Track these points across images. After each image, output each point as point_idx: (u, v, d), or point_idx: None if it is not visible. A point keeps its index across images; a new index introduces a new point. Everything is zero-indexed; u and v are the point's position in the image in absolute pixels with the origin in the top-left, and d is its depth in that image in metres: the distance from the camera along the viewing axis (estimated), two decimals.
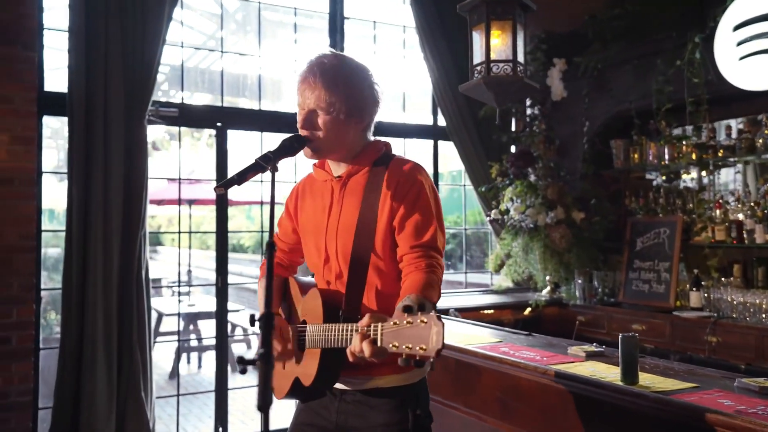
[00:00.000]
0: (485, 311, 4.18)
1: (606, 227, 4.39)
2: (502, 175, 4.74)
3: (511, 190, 4.48)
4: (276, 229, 1.88)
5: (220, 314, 4.47)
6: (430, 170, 5.40)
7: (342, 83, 1.62)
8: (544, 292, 4.53)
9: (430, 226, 1.63)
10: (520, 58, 2.58)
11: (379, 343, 1.29)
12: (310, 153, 1.69)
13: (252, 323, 1.07)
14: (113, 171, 3.85)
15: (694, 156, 3.96)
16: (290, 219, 1.89)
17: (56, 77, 4.00)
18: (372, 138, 1.79)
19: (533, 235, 4.34)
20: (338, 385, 1.70)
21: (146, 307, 3.98)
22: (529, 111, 4.93)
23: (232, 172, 4.46)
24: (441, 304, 4.12)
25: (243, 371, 0.99)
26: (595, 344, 2.45)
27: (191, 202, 7.49)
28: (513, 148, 4.99)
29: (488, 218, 4.84)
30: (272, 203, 1.42)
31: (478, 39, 2.63)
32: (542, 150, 4.67)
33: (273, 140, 4.97)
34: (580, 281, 4.33)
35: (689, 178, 4.42)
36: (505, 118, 5.07)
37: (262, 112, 4.67)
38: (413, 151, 5.55)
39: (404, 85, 5.36)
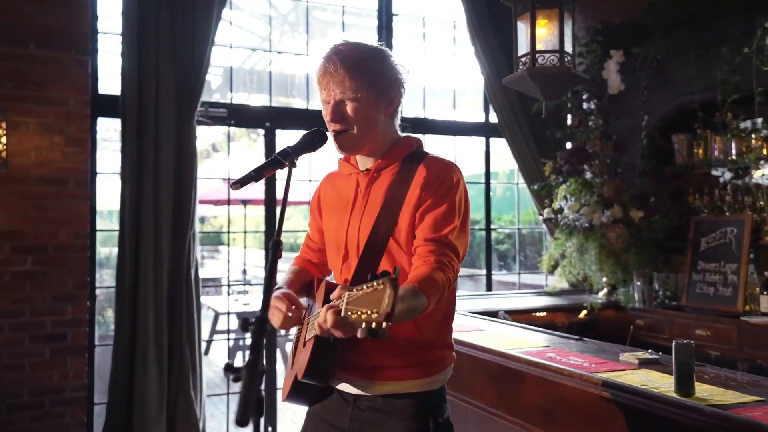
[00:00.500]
0: (537, 314, 4.03)
1: (667, 226, 4.17)
2: (555, 173, 4.56)
3: (565, 188, 4.30)
4: (300, 229, 1.83)
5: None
6: (481, 168, 5.28)
7: (365, 67, 1.56)
8: (601, 294, 4.34)
9: (451, 223, 1.54)
10: (568, 48, 2.45)
11: (342, 313, 1.19)
12: (342, 147, 1.62)
13: (245, 328, 0.99)
14: (163, 171, 3.90)
15: (765, 150, 3.71)
16: (314, 219, 1.84)
17: (111, 80, 4.10)
18: (402, 134, 1.72)
19: (588, 234, 4.15)
20: (351, 390, 1.61)
21: (196, 306, 4.03)
22: (585, 105, 4.74)
23: (279, 172, 4.49)
24: (491, 305, 4.02)
25: (235, 379, 0.93)
26: (650, 351, 2.29)
27: (245, 202, 7.59)
28: (569, 145, 4.80)
29: (541, 217, 4.68)
30: (284, 200, 1.37)
31: (523, 29, 2.51)
32: (598, 146, 4.48)
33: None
34: (638, 283, 4.12)
35: (759, 174, 4.14)
36: (560, 114, 4.90)
37: (309, 111, 4.66)
38: (464, 149, 5.43)
39: (454, 82, 5.25)
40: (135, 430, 3.81)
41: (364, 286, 1.16)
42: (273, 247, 1.19)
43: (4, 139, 3.45)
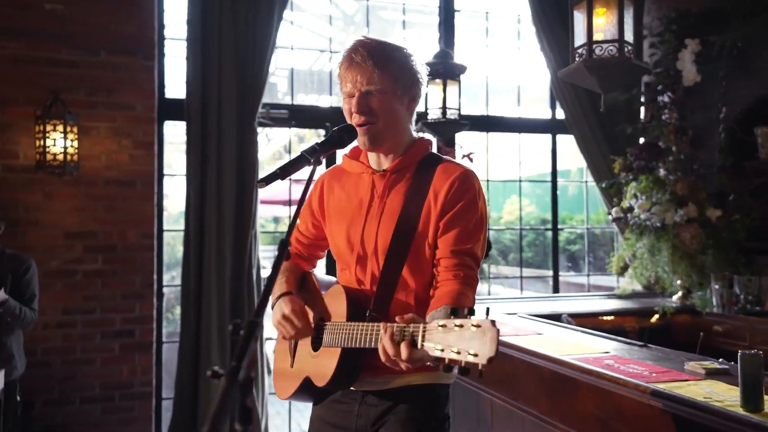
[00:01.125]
0: (604, 317, 3.85)
1: (748, 226, 3.89)
2: (626, 170, 4.35)
3: (635, 185, 4.09)
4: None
5: None
6: (548, 166, 5.11)
7: (392, 59, 1.55)
8: (674, 298, 4.10)
9: (476, 237, 1.54)
10: (628, 37, 2.30)
11: (419, 345, 1.17)
12: (367, 141, 1.58)
13: (235, 332, 0.95)
14: (226, 172, 3.98)
15: None
16: (312, 215, 1.78)
17: (178, 85, 4.22)
18: (417, 134, 1.70)
19: (660, 235, 3.93)
20: (360, 387, 1.59)
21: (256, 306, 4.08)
22: (658, 99, 4.49)
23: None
24: (555, 308, 3.87)
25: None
26: (720, 360, 2.13)
27: None
28: (642, 141, 4.57)
29: (610, 217, 4.47)
30: (303, 197, 1.34)
31: (580, 19, 2.38)
32: (672, 141, 4.23)
33: None
34: (717, 287, 3.85)
35: None
36: (631, 108, 4.68)
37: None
38: (529, 145, 5.28)
39: (519, 78, 5.11)
40: (200, 426, 3.91)
41: (451, 324, 1.14)
42: (280, 247, 1.15)
43: (76, 144, 3.60)
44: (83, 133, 3.68)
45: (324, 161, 1.52)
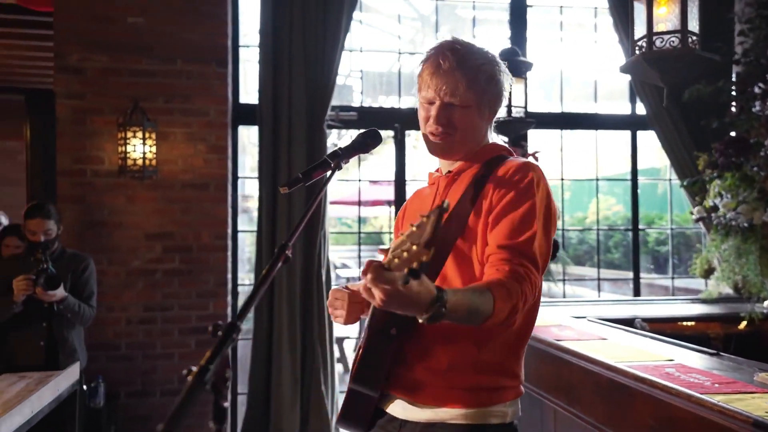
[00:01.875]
0: (685, 323, 3.64)
1: None
2: (710, 167, 4.09)
3: (719, 183, 3.84)
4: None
5: None
6: (628, 164, 4.89)
7: (480, 72, 1.45)
8: (766, 303, 3.81)
9: (529, 229, 1.36)
10: (693, 26, 2.17)
11: (386, 264, 1.05)
12: (438, 150, 1.52)
13: (214, 333, 0.97)
14: (296, 174, 4.07)
15: None
16: (396, 234, 1.73)
17: (252, 90, 4.37)
18: (491, 139, 1.60)
19: (748, 235, 3.67)
20: (400, 414, 1.46)
21: (326, 305, 4.15)
22: (749, 90, 4.19)
23: (410, 171, 4.48)
24: (632, 312, 3.69)
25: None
26: None
27: (390, 203, 7.72)
28: (730, 136, 4.28)
29: (693, 217, 4.22)
30: (314, 200, 1.34)
31: (640, 9, 2.26)
32: (764, 135, 3.93)
33: None
34: None
35: None
36: (718, 100, 4.39)
37: None
38: (607, 143, 5.07)
39: (595, 73, 4.92)
40: (272, 421, 4.02)
41: (409, 227, 1.04)
42: (279, 250, 1.15)
43: (154, 149, 3.80)
44: (161, 138, 3.88)
45: (344, 165, 1.52)
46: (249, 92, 4.35)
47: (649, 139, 4.87)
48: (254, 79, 4.36)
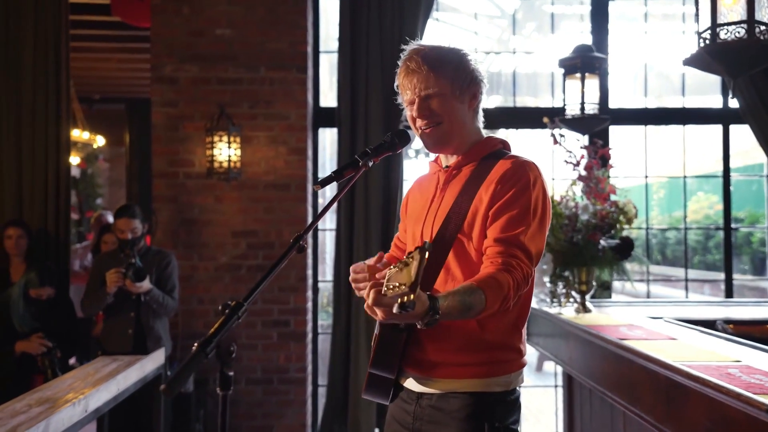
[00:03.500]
0: None
1: None
2: None
3: None
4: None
5: None
6: (719, 159, 4.66)
7: (446, 61, 1.59)
8: None
9: (524, 224, 1.50)
10: (761, 16, 2.08)
11: (383, 290, 1.20)
12: (432, 142, 1.64)
13: (222, 311, 1.11)
14: (373, 175, 4.20)
15: None
16: (402, 221, 1.87)
17: (330, 94, 4.54)
18: (487, 134, 1.72)
19: None
20: (415, 387, 1.62)
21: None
22: None
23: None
24: (712, 314, 3.54)
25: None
26: None
27: None
28: None
29: None
30: (334, 198, 1.43)
31: (705, 1, 2.20)
32: None
33: (530, 137, 4.86)
34: None
35: None
36: None
37: (513, 109, 4.60)
38: (696, 138, 4.85)
39: (684, 66, 4.72)
40: (350, 412, 4.17)
41: (399, 262, 1.20)
42: (294, 241, 1.24)
43: (239, 152, 4.05)
44: (245, 142, 4.12)
45: (371, 164, 1.61)
46: (328, 96, 4.51)
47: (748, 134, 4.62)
48: (334, 83, 4.53)
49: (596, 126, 3.54)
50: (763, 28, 2.09)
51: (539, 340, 3.65)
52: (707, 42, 2.12)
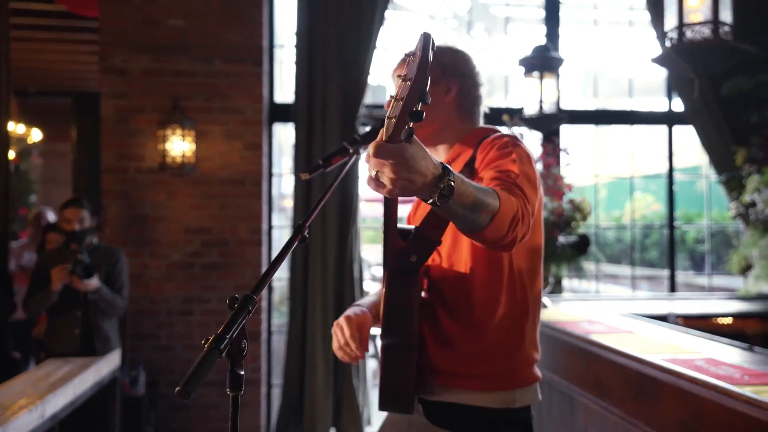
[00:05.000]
0: (721, 320, 3.59)
1: None
2: (750, 162, 4.03)
3: (758, 178, 3.78)
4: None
5: None
6: (665, 159, 4.83)
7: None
8: None
9: (511, 162, 1.36)
10: (725, 17, 2.15)
11: (385, 135, 0.97)
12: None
13: (231, 305, 1.02)
14: (331, 174, 4.13)
15: None
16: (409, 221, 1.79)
17: (288, 88, 4.46)
18: (483, 125, 1.65)
19: None
20: (423, 395, 1.51)
21: (357, 299, 4.22)
22: None
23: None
24: (667, 308, 3.66)
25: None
26: None
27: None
28: None
29: (730, 213, 4.15)
30: (330, 186, 1.39)
31: (671, 1, 2.26)
32: None
33: None
34: None
35: None
36: (760, 94, 4.31)
37: None
38: (645, 140, 5.01)
39: (631, 69, 4.88)
40: (306, 412, 4.10)
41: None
42: (296, 230, 1.18)
43: (193, 146, 3.92)
44: (200, 136, 3.99)
45: (362, 152, 1.57)
46: (284, 91, 4.43)
47: (690, 137, 4.80)
48: (289, 78, 4.45)
49: (554, 125, 3.61)
50: (726, 28, 2.15)
51: None
52: (674, 41, 2.17)
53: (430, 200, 1.04)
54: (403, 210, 1.77)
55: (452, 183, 1.02)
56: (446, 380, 1.47)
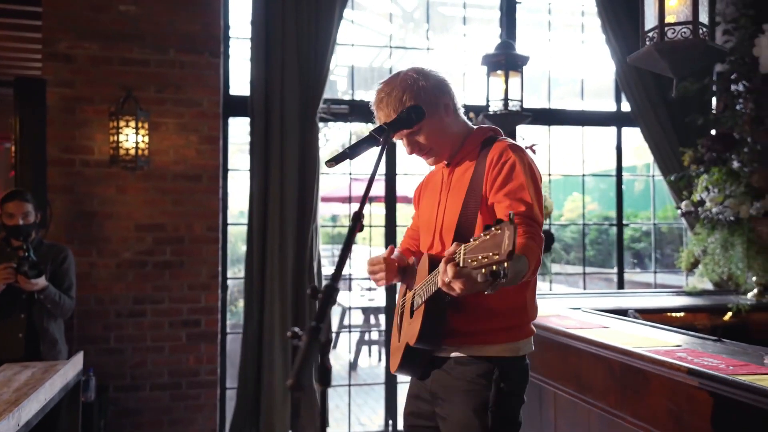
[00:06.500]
0: (674, 314, 3.72)
1: None
2: (696, 162, 4.19)
3: (707, 178, 3.94)
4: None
5: (389, 308, 4.52)
6: (613, 159, 4.97)
7: (400, 100, 1.68)
8: (750, 295, 3.92)
9: (527, 199, 1.59)
10: (703, 18, 2.21)
11: (461, 263, 1.25)
12: (432, 163, 1.82)
13: (313, 296, 1.01)
14: (288, 167, 4.04)
15: None
16: (416, 210, 2.00)
17: (241, 82, 4.31)
18: (476, 126, 1.84)
19: (734, 229, 3.77)
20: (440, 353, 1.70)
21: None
22: (732, 88, 4.31)
23: (401, 167, 4.48)
24: (621, 303, 3.76)
25: (295, 347, 0.95)
26: None
27: (371, 200, 7.71)
28: (714, 132, 4.40)
29: (680, 211, 4.32)
30: (373, 175, 1.35)
31: (650, 1, 2.31)
32: (748, 132, 4.05)
33: None
34: None
35: None
36: (702, 98, 4.50)
37: None
38: (593, 139, 5.15)
39: (582, 72, 5.00)
40: (263, 415, 3.98)
41: (482, 235, 1.22)
42: (354, 219, 1.19)
43: (147, 139, 3.73)
44: (153, 128, 3.81)
45: (394, 141, 1.54)
46: (239, 84, 4.29)
47: (627, 138, 4.97)
48: (244, 71, 4.31)
49: (519, 122, 3.64)
50: (705, 29, 2.21)
51: None
52: (655, 40, 2.21)
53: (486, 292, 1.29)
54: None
55: (504, 280, 1.22)
56: (465, 339, 1.67)
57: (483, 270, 1.18)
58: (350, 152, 1.47)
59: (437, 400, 1.70)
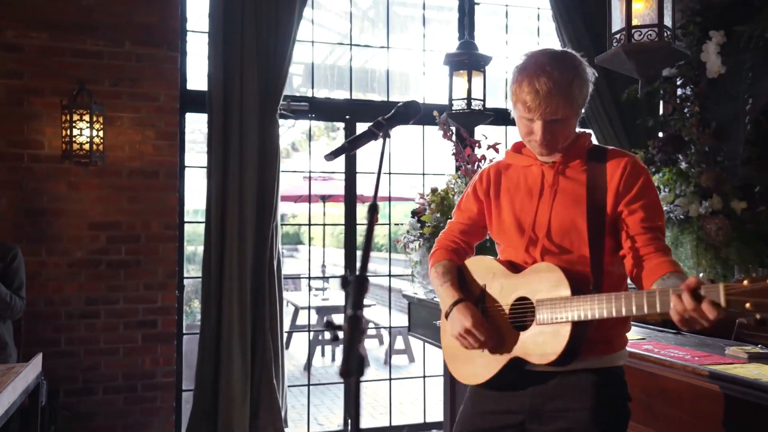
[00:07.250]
0: None
1: None
2: (647, 163, 4.33)
3: (658, 178, 4.08)
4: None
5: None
6: None
7: (574, 87, 1.61)
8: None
9: (661, 213, 1.66)
10: (668, 21, 2.30)
11: (722, 303, 1.26)
12: (545, 153, 1.70)
13: (344, 285, 1.00)
14: (248, 164, 3.97)
15: None
16: (478, 202, 1.87)
17: (199, 77, 4.22)
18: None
19: (684, 227, 3.91)
20: (540, 367, 1.62)
21: (278, 297, 4.08)
22: (679, 92, 4.48)
23: (362, 165, 4.46)
24: None
25: (334, 337, 0.93)
26: (759, 346, 2.12)
27: (325, 198, 7.67)
28: (661, 135, 4.56)
29: None
30: (380, 169, 1.34)
31: (617, 5, 2.38)
32: (695, 134, 4.21)
33: (400, 132, 4.93)
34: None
35: None
36: (652, 101, 4.66)
37: (389, 104, 4.63)
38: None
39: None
40: (221, 417, 3.90)
41: (749, 281, 1.24)
42: (369, 211, 1.18)
43: (102, 133, 3.61)
44: (108, 123, 3.68)
45: (391, 135, 1.51)
46: (196, 79, 4.19)
47: None
48: (201, 65, 4.22)
49: (482, 122, 3.69)
50: (669, 32, 2.29)
51: (419, 330, 3.69)
52: (622, 42, 2.28)
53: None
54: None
55: None
56: (599, 348, 1.63)
57: (758, 316, 1.22)
58: (349, 146, 1.45)
59: (540, 417, 1.64)
